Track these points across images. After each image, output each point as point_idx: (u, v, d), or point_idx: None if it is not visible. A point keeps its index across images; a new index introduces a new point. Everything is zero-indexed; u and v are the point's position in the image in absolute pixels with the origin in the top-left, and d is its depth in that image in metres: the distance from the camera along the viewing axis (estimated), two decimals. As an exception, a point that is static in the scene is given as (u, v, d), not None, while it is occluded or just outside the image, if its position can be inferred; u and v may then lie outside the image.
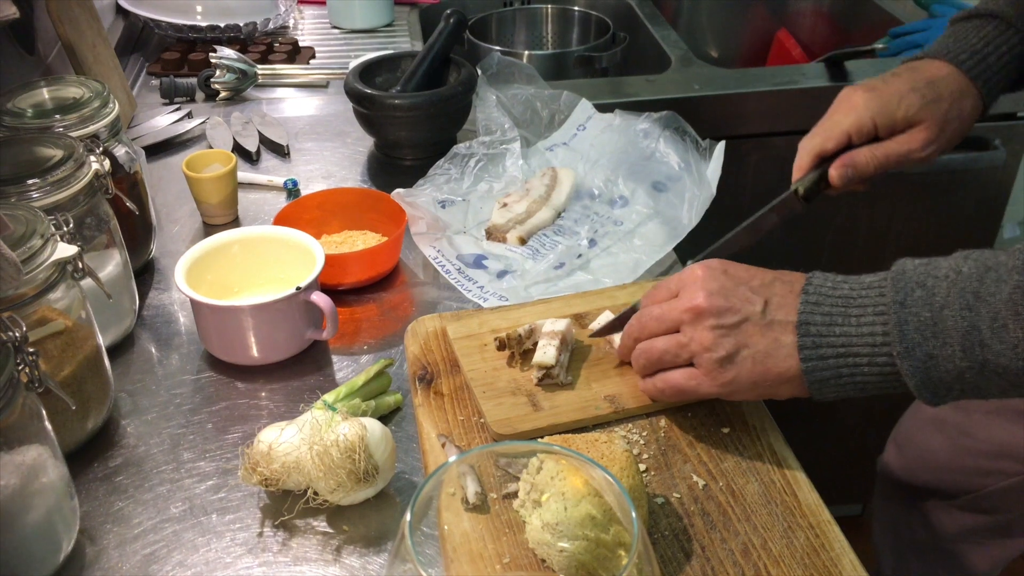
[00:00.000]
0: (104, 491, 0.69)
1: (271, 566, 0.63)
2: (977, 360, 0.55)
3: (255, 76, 1.31)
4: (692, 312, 0.64)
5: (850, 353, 0.60)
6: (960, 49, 0.81)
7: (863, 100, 0.79)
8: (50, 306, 0.67)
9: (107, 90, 0.86)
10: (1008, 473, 1.03)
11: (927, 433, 1.10)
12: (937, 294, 0.57)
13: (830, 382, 0.61)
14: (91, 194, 0.76)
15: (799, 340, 0.61)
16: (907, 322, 0.57)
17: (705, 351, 0.64)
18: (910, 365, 0.57)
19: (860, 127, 0.79)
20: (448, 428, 0.71)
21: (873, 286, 0.60)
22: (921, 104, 0.78)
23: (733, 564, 0.60)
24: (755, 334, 0.63)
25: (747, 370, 0.63)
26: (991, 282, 0.55)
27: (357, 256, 0.89)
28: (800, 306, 0.62)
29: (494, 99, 1.13)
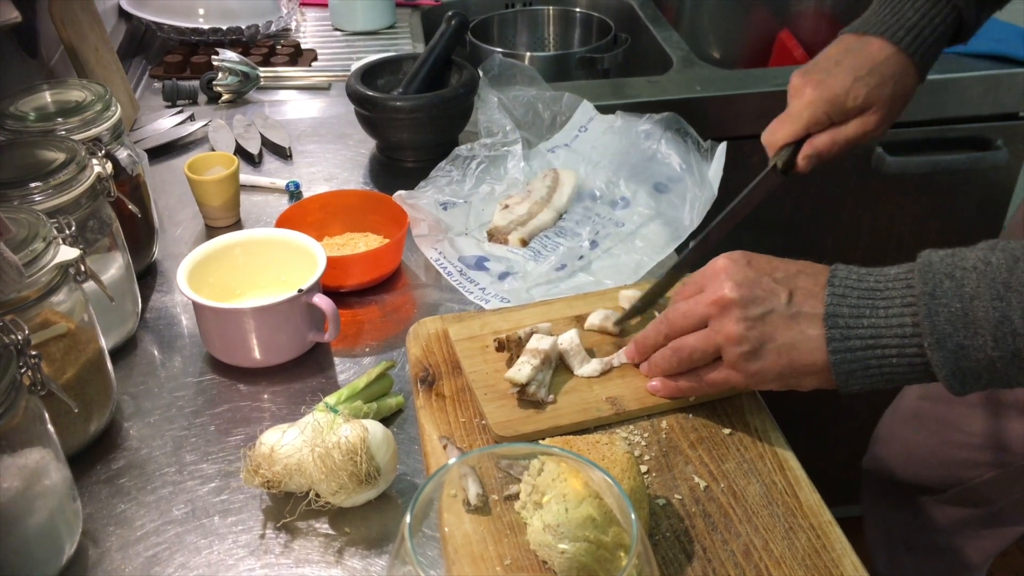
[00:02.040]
0: (107, 493, 0.69)
1: (273, 568, 0.63)
2: (1009, 349, 0.56)
3: (257, 79, 1.31)
4: (718, 304, 0.65)
5: (879, 345, 0.60)
6: (898, 25, 0.83)
7: (815, 96, 0.83)
8: (52, 309, 0.67)
9: (109, 93, 0.86)
10: (993, 464, 1.03)
11: (910, 429, 1.11)
12: (966, 285, 0.57)
13: (857, 374, 0.62)
14: (93, 197, 0.76)
15: (827, 332, 0.61)
16: (937, 313, 0.57)
17: (732, 344, 0.64)
18: (941, 356, 0.58)
19: (816, 122, 0.83)
20: (450, 430, 0.71)
21: (899, 278, 0.61)
22: (867, 92, 0.82)
23: (735, 565, 0.60)
24: (780, 326, 0.63)
25: (772, 362, 0.64)
26: (1021, 272, 0.56)
27: (359, 258, 0.89)
28: (827, 298, 0.62)
29: (496, 101, 1.13)
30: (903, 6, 0.84)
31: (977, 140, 1.35)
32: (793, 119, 0.84)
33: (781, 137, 0.85)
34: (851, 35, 0.87)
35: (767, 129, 0.87)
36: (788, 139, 0.85)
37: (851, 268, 0.64)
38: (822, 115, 0.83)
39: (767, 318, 0.64)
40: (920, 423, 1.09)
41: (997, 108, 1.33)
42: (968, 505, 1.08)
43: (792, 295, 0.64)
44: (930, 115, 1.33)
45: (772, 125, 0.86)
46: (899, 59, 0.83)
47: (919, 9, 0.84)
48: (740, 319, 0.64)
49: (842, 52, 0.85)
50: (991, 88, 1.31)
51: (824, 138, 0.84)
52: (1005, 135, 1.34)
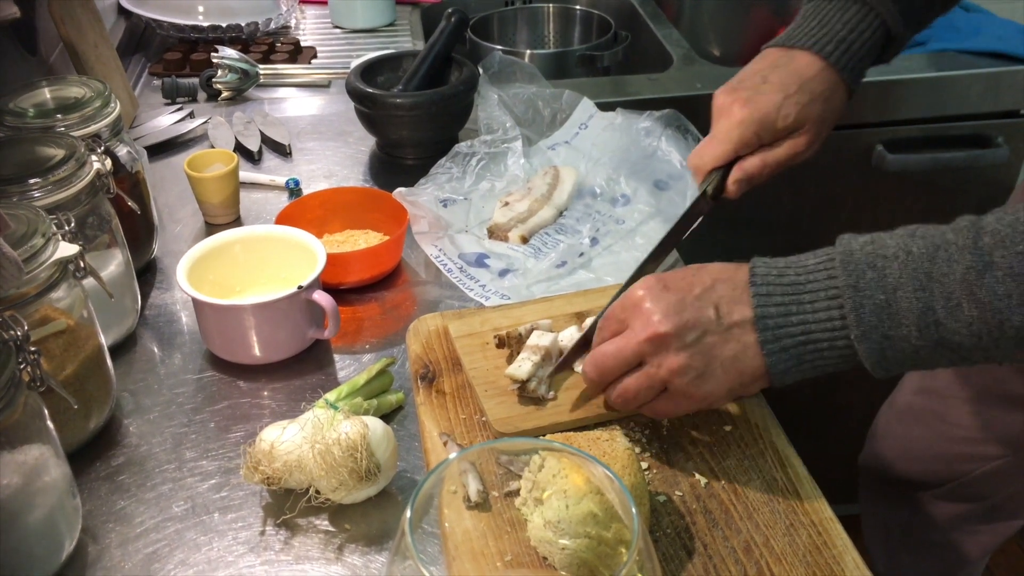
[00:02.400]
0: (106, 490, 0.69)
1: (273, 565, 0.63)
2: (932, 339, 0.56)
3: (257, 76, 1.31)
4: (652, 341, 0.62)
5: (810, 340, 0.60)
6: (827, 39, 0.81)
7: (744, 116, 0.79)
8: (52, 305, 0.67)
9: (108, 90, 0.86)
10: (989, 457, 1.03)
11: (905, 424, 1.11)
12: (889, 275, 0.57)
13: (792, 370, 0.61)
14: (93, 193, 0.76)
15: (760, 336, 0.61)
16: (863, 306, 0.57)
17: (678, 375, 0.62)
18: (867, 347, 0.58)
19: (745, 144, 0.80)
20: (450, 427, 0.71)
21: (820, 268, 0.60)
22: (798, 111, 0.79)
23: (735, 562, 0.60)
24: (718, 343, 0.62)
25: (721, 380, 0.62)
26: (942, 262, 0.56)
27: (359, 255, 0.89)
28: (753, 300, 0.61)
29: (496, 98, 1.13)
30: (831, 18, 0.82)
31: (978, 138, 1.35)
32: (721, 141, 0.81)
33: (709, 160, 0.81)
34: (776, 49, 0.84)
35: (693, 152, 0.83)
36: (717, 163, 0.81)
37: (768, 263, 0.63)
38: (751, 136, 0.80)
39: (703, 339, 0.62)
40: (915, 418, 1.08)
41: (998, 106, 1.33)
42: (965, 500, 1.08)
43: (718, 308, 0.62)
44: (931, 113, 1.33)
45: (699, 148, 0.83)
46: (828, 75, 0.80)
47: (848, 22, 0.81)
48: (679, 349, 0.62)
49: (769, 67, 0.82)
50: (992, 86, 1.31)
51: (754, 161, 0.81)
52: (1006, 133, 1.34)
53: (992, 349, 0.56)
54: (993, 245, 0.55)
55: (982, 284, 0.54)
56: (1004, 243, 0.54)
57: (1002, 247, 0.54)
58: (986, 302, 0.54)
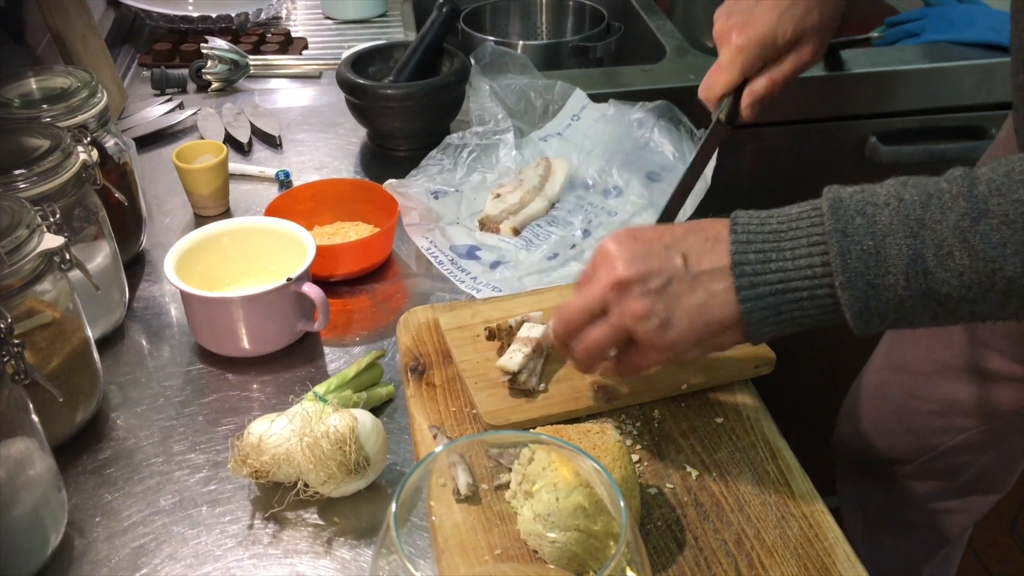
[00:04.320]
0: (93, 484, 0.68)
1: (261, 558, 0.63)
2: (919, 289, 0.54)
3: (247, 67, 1.30)
4: (614, 286, 0.61)
5: (789, 288, 0.57)
6: None
7: (743, 40, 0.79)
8: (37, 298, 0.66)
9: (95, 80, 0.85)
10: (957, 429, 1.03)
11: (874, 400, 1.10)
12: (879, 222, 0.55)
13: (768, 320, 0.59)
14: (79, 185, 0.75)
15: (736, 282, 0.58)
16: (850, 251, 0.55)
17: (641, 321, 0.60)
18: (850, 295, 0.55)
19: (750, 67, 0.80)
20: (440, 419, 0.71)
21: (804, 216, 0.58)
22: (795, 25, 0.79)
23: (726, 554, 0.60)
24: (684, 291, 0.60)
25: (687, 327, 0.60)
26: (936, 209, 0.54)
27: (349, 247, 0.88)
28: (731, 247, 0.59)
29: (487, 89, 1.12)
30: None
31: (971, 129, 1.35)
32: (726, 69, 0.81)
33: (719, 89, 0.82)
34: None
35: (703, 83, 0.83)
36: (726, 90, 0.81)
37: (751, 213, 0.61)
38: (755, 59, 0.80)
39: (669, 287, 0.60)
40: (883, 395, 1.09)
41: (991, 97, 1.33)
42: (937, 477, 1.08)
43: (687, 257, 0.60)
44: (924, 104, 1.33)
45: (707, 78, 0.83)
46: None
47: None
48: (642, 294, 0.60)
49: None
50: (985, 77, 1.30)
51: (762, 81, 0.81)
52: (999, 124, 1.34)
53: (980, 302, 0.54)
54: (988, 193, 0.52)
55: (976, 231, 0.52)
56: (1000, 191, 0.52)
57: (998, 195, 0.52)
58: (979, 250, 0.52)
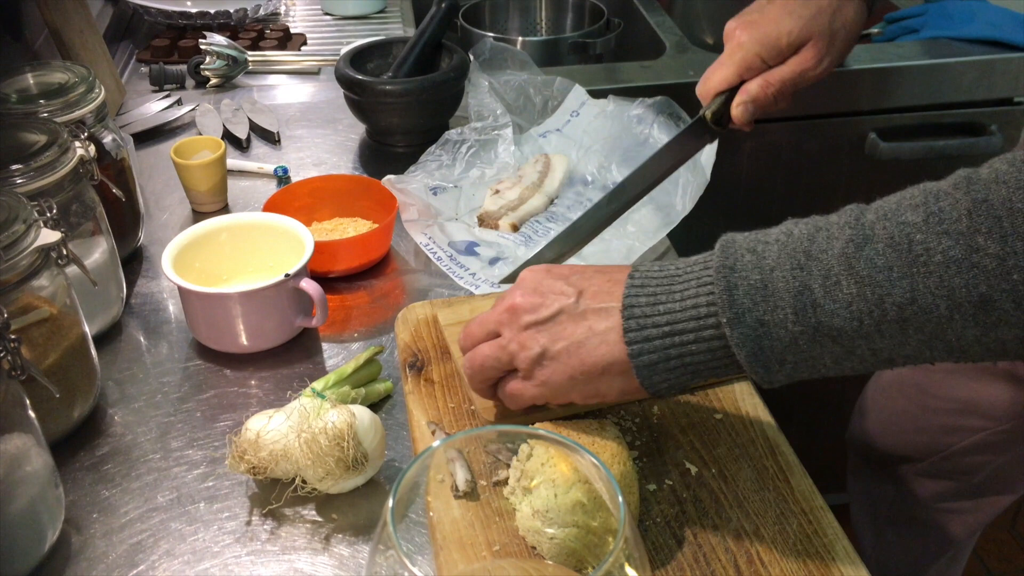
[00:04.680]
0: (91, 480, 0.68)
1: (259, 555, 0.62)
2: (810, 323, 0.52)
3: (245, 63, 1.30)
4: (508, 311, 0.61)
5: (675, 331, 0.56)
6: None
7: (745, 38, 0.77)
8: (34, 293, 0.66)
9: (92, 75, 0.85)
10: (973, 429, 1.02)
11: (890, 396, 1.10)
12: (767, 257, 0.53)
13: (659, 366, 0.57)
14: (76, 180, 0.75)
15: (624, 323, 0.57)
16: (736, 287, 0.53)
17: (522, 349, 0.60)
18: (740, 333, 0.53)
19: (748, 65, 0.77)
20: (438, 415, 0.71)
21: (699, 261, 0.57)
22: (802, 26, 0.76)
23: (725, 551, 0.60)
24: (568, 325, 0.59)
25: (563, 363, 0.59)
26: (822, 240, 0.52)
27: (347, 243, 0.88)
28: (625, 290, 0.58)
29: (486, 85, 1.11)
30: None
31: (971, 126, 1.35)
32: (724, 65, 0.78)
33: (713, 84, 0.79)
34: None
35: (701, 78, 0.80)
36: (721, 86, 0.78)
37: (654, 262, 0.61)
38: (754, 57, 0.77)
39: (555, 319, 0.60)
40: (899, 391, 1.08)
41: (991, 93, 1.33)
42: (948, 476, 1.08)
43: (582, 294, 0.60)
44: (924, 100, 1.32)
45: (705, 74, 0.80)
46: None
47: None
48: (528, 324, 0.60)
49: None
50: (985, 73, 1.30)
51: (757, 81, 0.77)
52: (999, 121, 1.34)
53: (876, 337, 0.51)
54: (875, 219, 0.51)
55: (860, 256, 0.50)
56: (887, 216, 0.51)
57: (884, 220, 0.51)
58: (865, 276, 0.50)
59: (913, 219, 0.49)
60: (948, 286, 0.48)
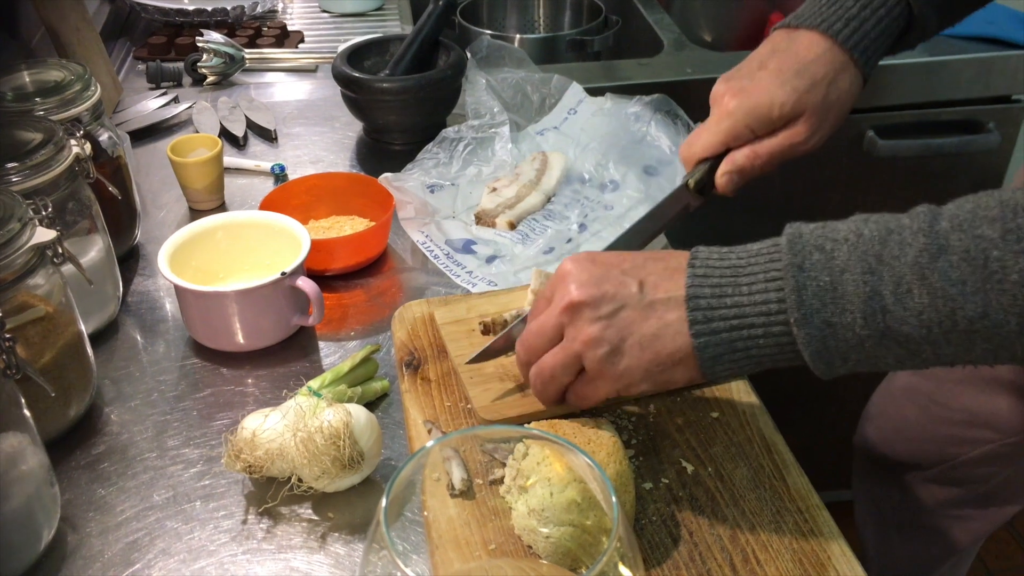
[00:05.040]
0: (87, 479, 0.68)
1: (255, 554, 0.62)
2: (878, 328, 0.52)
3: (243, 60, 1.30)
4: (568, 310, 0.60)
5: (744, 325, 0.55)
6: (836, 16, 0.74)
7: (735, 106, 0.73)
8: (30, 292, 0.66)
9: (88, 73, 0.85)
10: (982, 441, 1.02)
11: (899, 404, 1.10)
12: (837, 257, 0.53)
13: (724, 357, 0.57)
14: (72, 178, 0.75)
15: (689, 315, 0.57)
16: (805, 287, 0.53)
17: (590, 347, 0.59)
18: (807, 333, 0.53)
19: (736, 136, 0.74)
20: (435, 414, 0.71)
21: (763, 252, 0.56)
22: (796, 99, 0.72)
23: (721, 549, 0.60)
24: (636, 319, 0.58)
25: (636, 358, 0.58)
26: (894, 245, 0.52)
27: (344, 241, 0.88)
28: (687, 280, 0.57)
29: (483, 83, 1.11)
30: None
31: (969, 123, 1.34)
32: (711, 131, 0.75)
33: (697, 151, 0.76)
34: (782, 31, 0.77)
35: (684, 142, 0.77)
36: (706, 153, 0.75)
37: (713, 248, 0.59)
38: (743, 128, 0.73)
39: (620, 313, 0.58)
40: (909, 399, 1.08)
41: (989, 91, 1.33)
42: (956, 484, 1.08)
43: (643, 284, 0.59)
44: (922, 98, 1.32)
45: (689, 138, 0.77)
46: (834, 55, 0.73)
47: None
48: (593, 319, 0.59)
49: (769, 53, 0.76)
50: (983, 71, 1.30)
51: (744, 152, 0.74)
52: (997, 118, 1.34)
53: (943, 344, 0.51)
54: (950, 229, 0.50)
55: (935, 268, 0.50)
56: (962, 227, 0.50)
57: (959, 231, 0.50)
58: (938, 288, 0.50)
59: (990, 234, 0.49)
60: (1022, 305, 0.48)
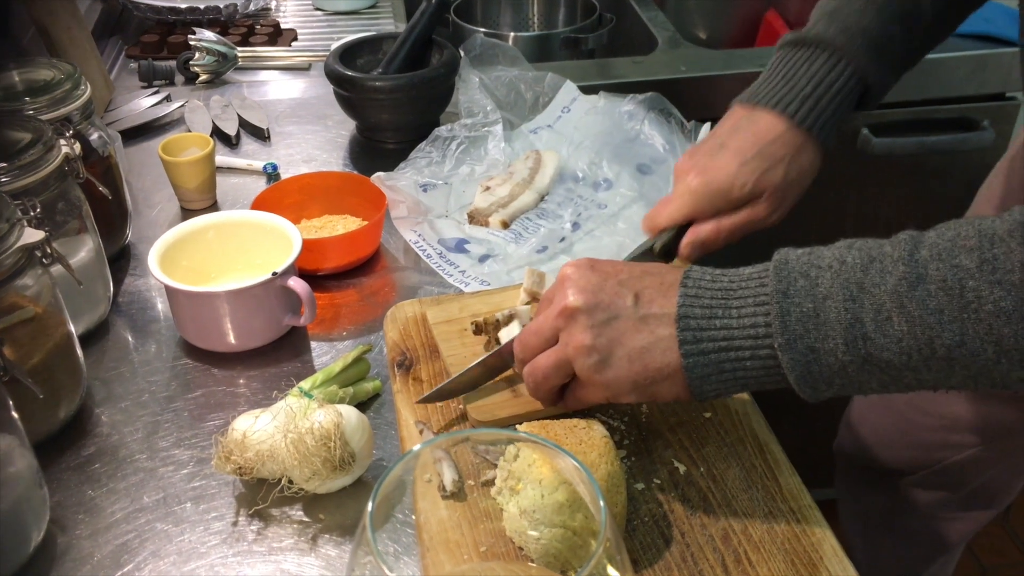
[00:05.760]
0: (76, 480, 0.68)
1: (246, 556, 0.62)
2: (860, 355, 0.53)
3: (235, 59, 1.29)
4: (564, 314, 0.61)
5: (732, 347, 0.57)
6: (791, 96, 0.76)
7: (697, 184, 0.75)
8: (18, 292, 0.65)
9: (78, 72, 0.84)
10: (963, 446, 1.02)
11: (878, 411, 1.10)
12: (820, 284, 0.54)
13: (711, 378, 0.58)
14: (61, 178, 0.74)
15: (679, 334, 0.58)
16: (789, 313, 0.54)
17: (582, 355, 0.60)
18: (791, 358, 0.54)
19: (698, 211, 0.76)
20: (426, 415, 0.70)
21: (753, 277, 0.57)
22: (756, 179, 0.74)
23: (713, 550, 0.60)
24: (629, 330, 0.59)
25: (625, 369, 0.59)
26: (875, 273, 0.52)
27: (336, 241, 0.88)
28: (679, 299, 0.59)
29: (477, 81, 1.11)
30: (797, 71, 0.76)
31: (963, 121, 1.34)
32: (675, 205, 0.76)
33: (661, 222, 0.77)
34: (741, 107, 0.79)
35: (649, 213, 0.79)
36: (669, 224, 0.77)
37: (705, 269, 0.60)
38: (706, 205, 0.75)
39: (614, 323, 0.59)
40: (887, 407, 1.08)
41: (983, 88, 1.32)
42: (941, 487, 1.08)
43: (638, 297, 0.60)
44: (916, 96, 1.32)
45: (653, 209, 0.79)
46: (792, 136, 0.75)
47: (814, 76, 0.75)
48: (587, 327, 0.60)
49: (729, 131, 0.77)
50: (977, 68, 1.30)
51: (708, 227, 0.76)
52: (991, 116, 1.33)
53: (923, 370, 0.52)
54: (929, 258, 0.51)
55: (913, 297, 0.51)
56: (941, 256, 0.51)
57: (938, 260, 0.51)
58: (916, 316, 0.51)
59: (967, 263, 0.50)
60: (997, 334, 0.49)
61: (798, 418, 1.47)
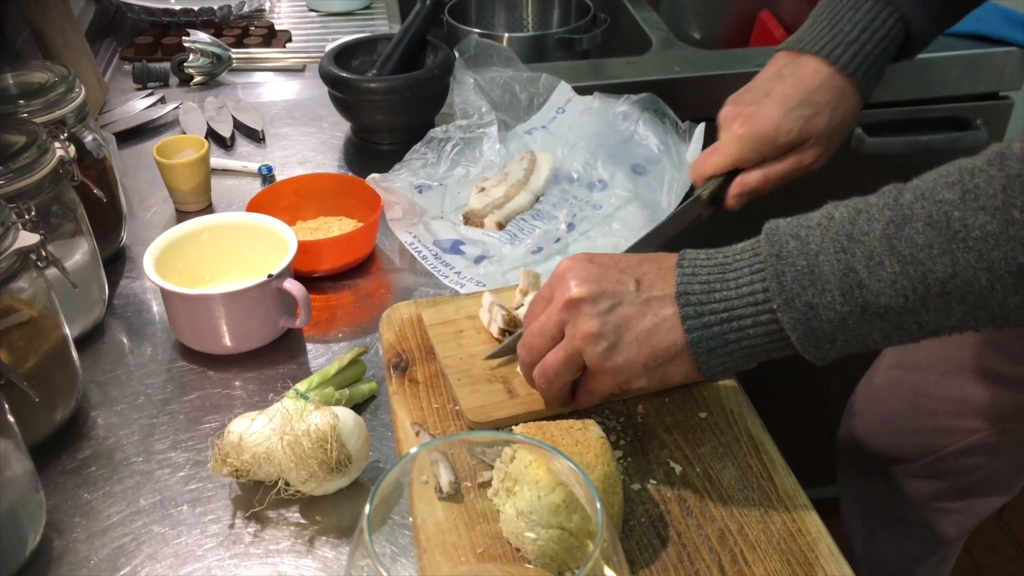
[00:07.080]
0: (73, 484, 0.68)
1: (242, 558, 0.62)
2: (858, 304, 0.54)
3: (230, 60, 1.29)
4: (568, 307, 0.61)
5: (733, 317, 0.58)
6: (836, 42, 0.76)
7: (743, 132, 0.76)
8: (13, 296, 0.65)
9: (73, 75, 0.84)
10: (965, 431, 1.03)
11: (882, 398, 1.10)
12: (811, 242, 0.55)
13: (717, 351, 0.59)
14: (56, 181, 0.74)
15: (681, 311, 0.59)
16: (784, 273, 0.55)
17: (590, 343, 0.61)
18: (791, 317, 0.55)
19: (745, 159, 0.77)
20: (423, 416, 0.70)
21: (747, 248, 0.59)
22: (802, 126, 0.76)
23: (709, 550, 0.60)
24: (634, 315, 0.60)
25: (634, 353, 0.60)
26: (863, 222, 0.54)
27: (332, 242, 0.88)
28: (677, 278, 0.60)
29: (471, 82, 1.11)
30: (842, 18, 0.77)
31: (956, 120, 1.35)
32: (721, 153, 0.78)
33: (708, 171, 0.79)
34: (786, 54, 0.80)
35: (695, 162, 0.80)
36: (715, 173, 0.79)
37: (699, 250, 0.62)
38: (751, 153, 0.77)
39: (618, 309, 0.60)
40: (892, 393, 1.09)
41: (976, 88, 1.33)
42: (941, 478, 1.08)
43: (639, 282, 0.61)
44: (909, 95, 1.33)
45: (699, 158, 0.80)
46: (837, 81, 0.76)
47: (859, 22, 0.76)
48: (593, 315, 0.60)
49: (774, 77, 0.79)
50: (971, 68, 1.30)
51: (756, 175, 0.78)
52: (984, 115, 1.34)
53: (922, 311, 0.53)
54: (913, 199, 0.52)
55: (901, 237, 0.52)
56: (924, 195, 0.52)
57: (922, 199, 0.52)
58: (907, 255, 0.52)
59: (950, 197, 0.51)
60: (987, 259, 0.50)
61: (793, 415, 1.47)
